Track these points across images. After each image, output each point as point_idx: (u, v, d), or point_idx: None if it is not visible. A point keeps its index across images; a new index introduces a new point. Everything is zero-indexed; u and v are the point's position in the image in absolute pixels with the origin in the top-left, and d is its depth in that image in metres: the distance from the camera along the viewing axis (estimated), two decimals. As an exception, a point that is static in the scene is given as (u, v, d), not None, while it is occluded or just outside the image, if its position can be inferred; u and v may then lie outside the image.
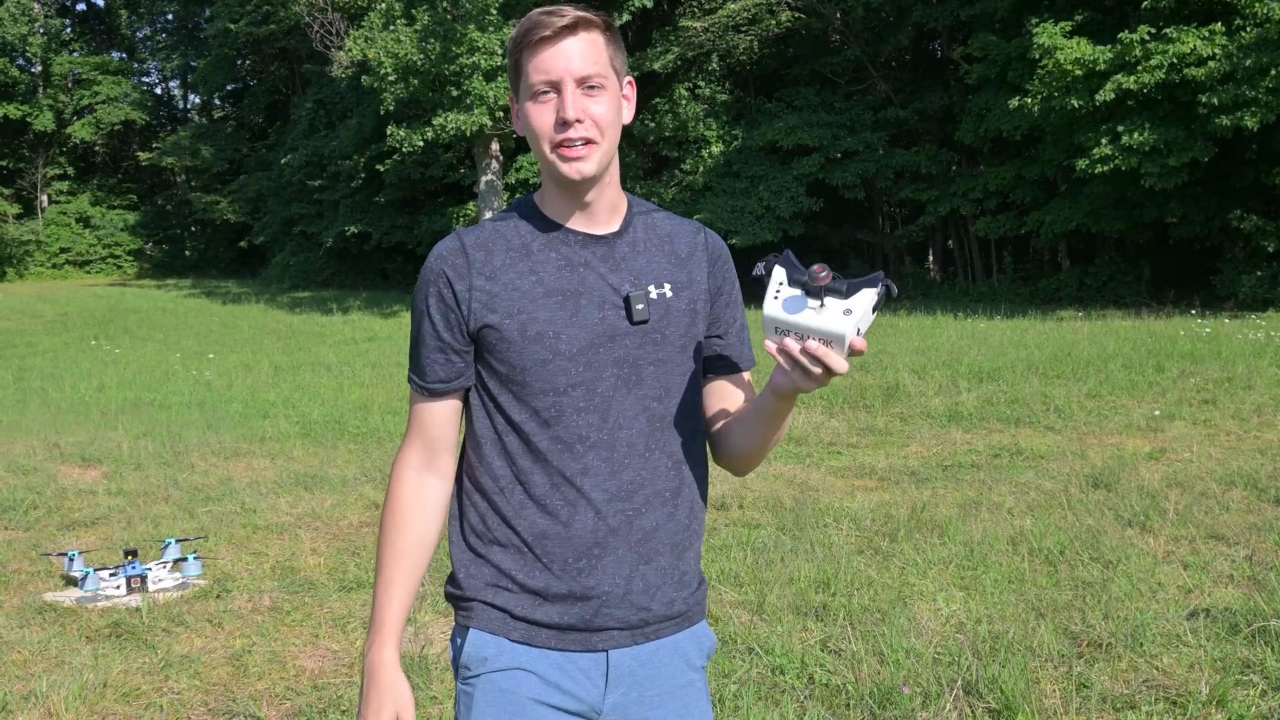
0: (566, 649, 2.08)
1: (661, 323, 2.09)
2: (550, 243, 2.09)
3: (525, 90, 2.03)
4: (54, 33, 55.12)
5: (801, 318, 1.85)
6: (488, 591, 2.10)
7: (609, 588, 2.06)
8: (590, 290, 2.06)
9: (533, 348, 2.04)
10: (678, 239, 2.18)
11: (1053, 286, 26.38)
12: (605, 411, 2.06)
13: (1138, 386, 11.61)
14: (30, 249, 52.07)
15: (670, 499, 2.11)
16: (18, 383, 18.74)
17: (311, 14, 33.50)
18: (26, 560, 6.96)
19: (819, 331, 1.84)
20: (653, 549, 2.09)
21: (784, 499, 7.80)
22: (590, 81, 2.00)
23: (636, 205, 2.20)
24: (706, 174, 30.39)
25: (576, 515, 2.05)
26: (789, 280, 1.88)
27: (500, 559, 2.09)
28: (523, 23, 2.02)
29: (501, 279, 2.06)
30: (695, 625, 2.21)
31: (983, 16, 26.89)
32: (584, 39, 2.00)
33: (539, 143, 2.03)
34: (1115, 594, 5.44)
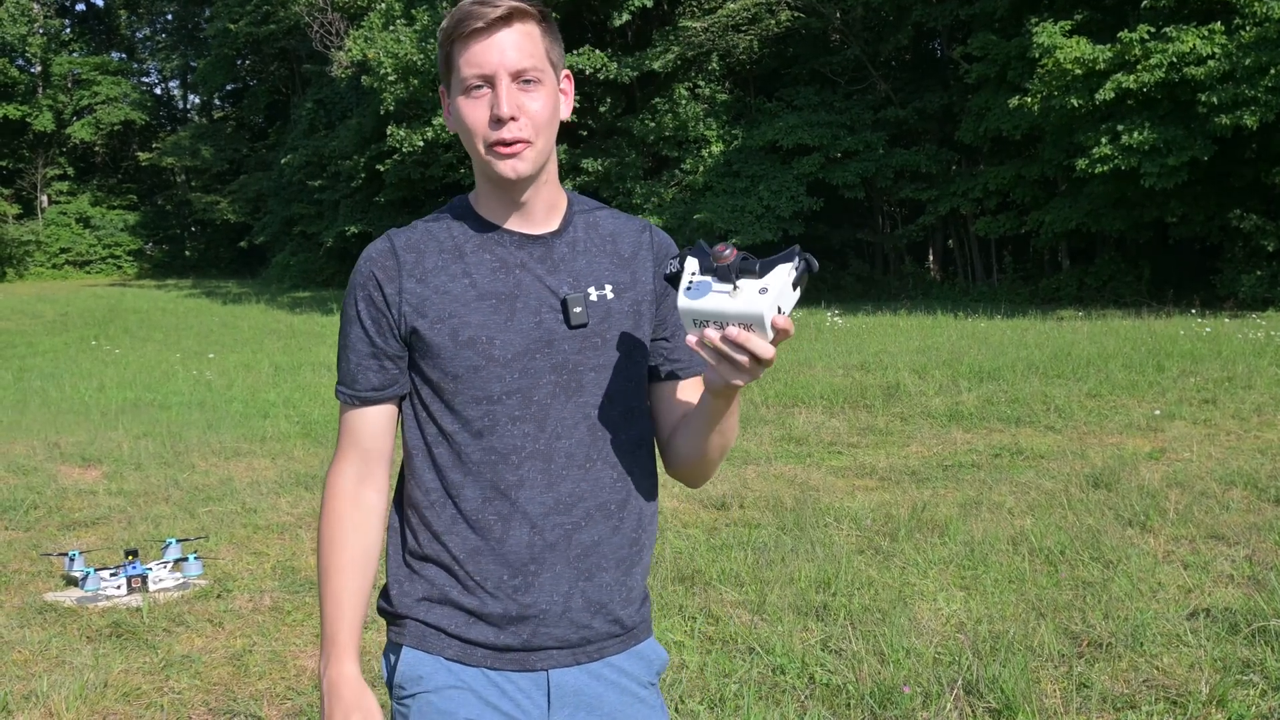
0: (504, 669, 1.98)
1: (602, 326, 1.99)
2: (484, 244, 1.99)
3: (457, 85, 1.92)
4: (53, 33, 55.18)
5: (715, 303, 1.74)
6: (420, 608, 2.00)
7: (546, 606, 1.96)
8: (526, 293, 1.96)
9: (465, 354, 1.94)
10: (621, 238, 2.08)
11: (1053, 286, 26.39)
12: (542, 420, 1.96)
13: (1138, 386, 11.61)
14: (30, 249, 52.12)
15: (615, 512, 2.01)
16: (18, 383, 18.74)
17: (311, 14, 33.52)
18: (27, 560, 6.96)
19: (736, 315, 1.73)
20: (594, 565, 1.99)
21: (784, 499, 7.80)
22: (526, 75, 1.90)
23: (578, 203, 2.10)
24: (706, 174, 30.39)
25: (510, 531, 1.95)
26: (700, 269, 1.78)
27: (433, 576, 2.00)
28: (453, 13, 1.91)
29: (432, 282, 1.96)
30: (642, 643, 2.09)
31: (982, 16, 26.89)
32: (519, 30, 1.90)
33: (472, 141, 1.93)
34: (1115, 594, 5.44)
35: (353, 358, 2.02)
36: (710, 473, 2.12)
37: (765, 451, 9.66)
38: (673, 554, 6.49)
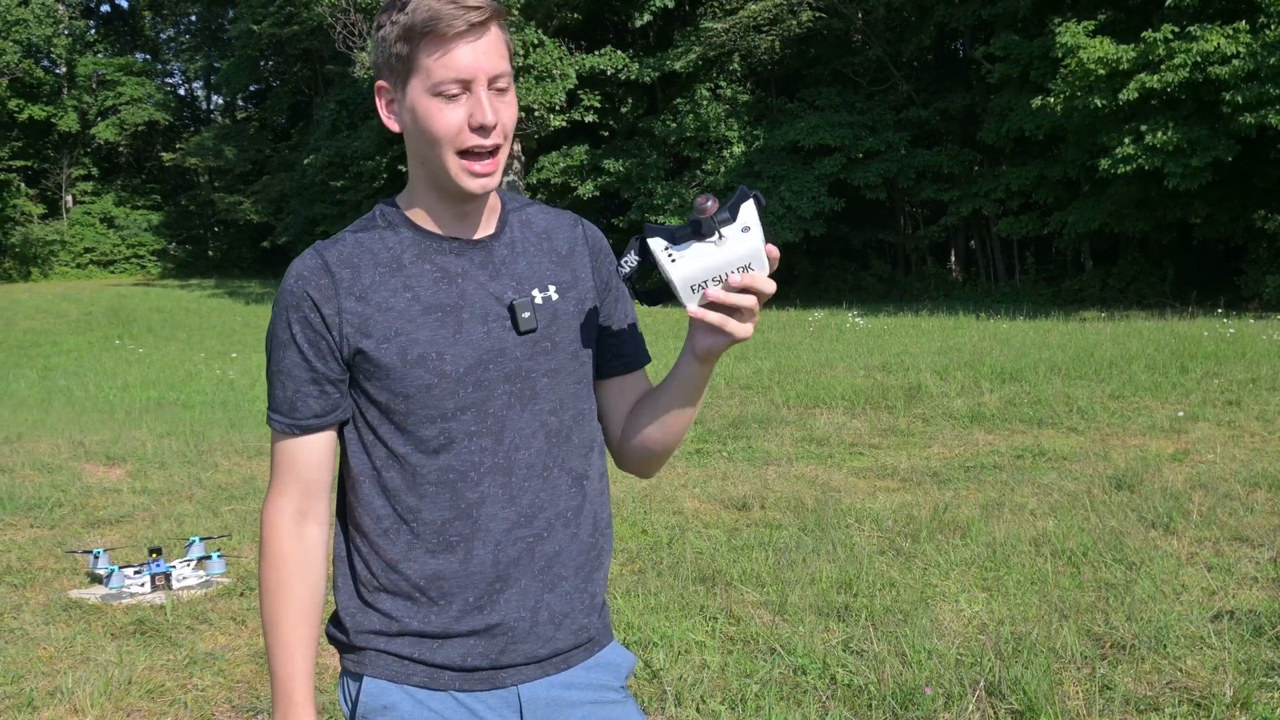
0: (473, 689, 1.89)
1: (550, 329, 1.91)
2: (423, 253, 1.87)
3: (424, 86, 1.78)
4: (78, 34, 55.49)
5: (711, 259, 1.71)
6: (379, 640, 1.91)
7: (514, 622, 1.89)
8: (471, 302, 1.86)
9: (415, 372, 1.82)
10: (556, 234, 2.00)
11: (1075, 287, 26.31)
12: (499, 433, 1.86)
13: (1161, 388, 11.56)
14: (55, 249, 52.44)
15: (572, 519, 1.94)
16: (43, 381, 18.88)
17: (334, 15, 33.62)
18: (52, 558, 7.01)
19: (737, 261, 1.71)
20: (557, 575, 1.92)
21: (806, 499, 7.79)
22: (499, 82, 1.79)
23: (510, 201, 2.01)
24: (728, 174, 30.40)
25: (473, 550, 1.86)
26: (672, 240, 1.73)
27: (390, 606, 1.90)
28: (419, 6, 1.76)
29: (373, 299, 1.83)
30: (605, 648, 2.03)
31: (1005, 16, 26.84)
32: (494, 34, 1.79)
33: (438, 147, 1.79)
34: (1139, 595, 5.42)
35: (289, 384, 1.87)
36: (666, 460, 2.06)
37: (786, 452, 9.65)
38: (694, 554, 6.49)
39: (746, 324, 1.73)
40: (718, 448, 10.04)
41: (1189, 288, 23.50)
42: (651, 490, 8.28)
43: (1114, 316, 20.39)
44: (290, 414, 1.88)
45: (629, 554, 6.63)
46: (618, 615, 5.41)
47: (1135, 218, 23.62)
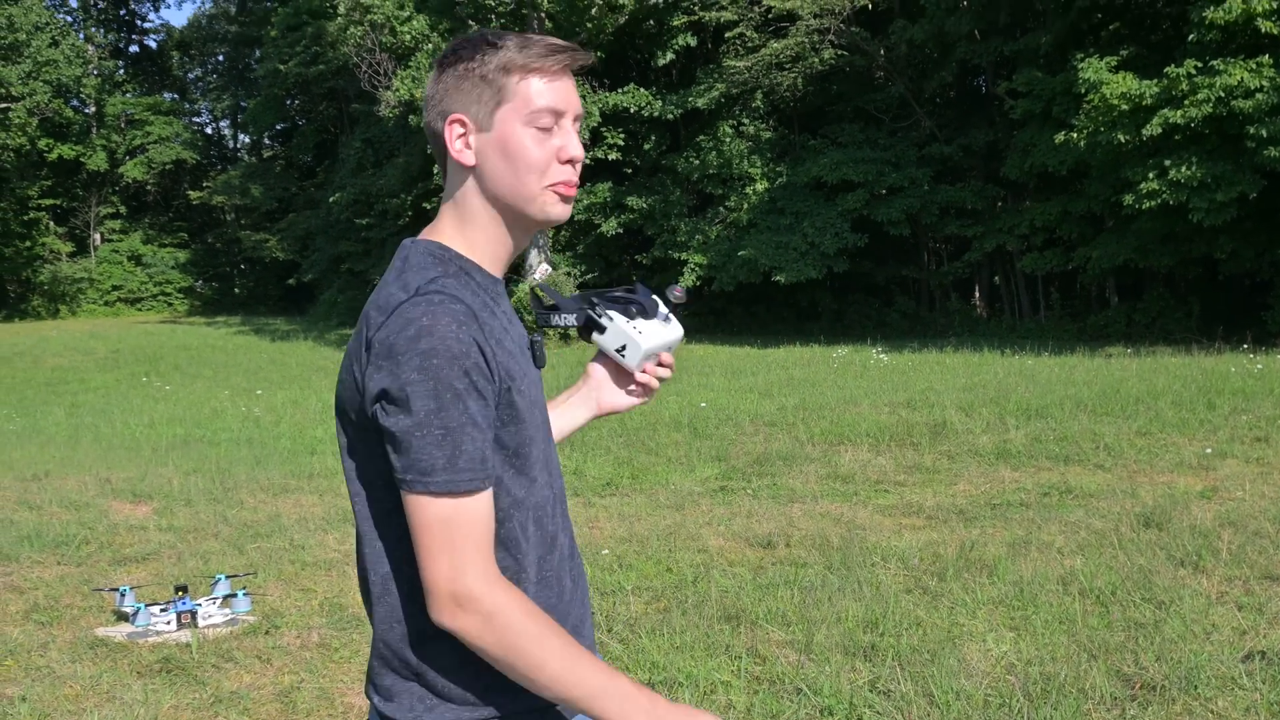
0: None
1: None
2: (495, 294, 1.87)
3: (519, 116, 1.80)
4: (108, 74, 56.17)
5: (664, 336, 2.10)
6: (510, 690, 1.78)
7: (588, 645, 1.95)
8: (520, 340, 1.90)
9: (534, 413, 1.84)
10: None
11: (1101, 323, 26.21)
12: (549, 465, 1.91)
13: (1188, 424, 11.49)
14: (83, 286, 52.93)
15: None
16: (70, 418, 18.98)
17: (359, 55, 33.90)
18: (79, 595, 7.03)
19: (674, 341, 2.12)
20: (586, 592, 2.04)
21: (831, 537, 7.76)
22: (578, 122, 1.88)
23: None
24: (751, 211, 30.47)
25: (563, 580, 1.90)
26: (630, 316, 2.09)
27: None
28: (522, 40, 1.82)
29: (504, 344, 1.79)
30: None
31: (1027, 52, 26.88)
32: (572, 77, 1.87)
33: (527, 174, 1.81)
34: (1168, 635, 5.38)
35: (477, 435, 1.69)
36: None
37: (811, 490, 9.62)
38: (718, 593, 6.47)
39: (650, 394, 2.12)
40: (742, 485, 10.02)
41: (1215, 323, 23.37)
42: (676, 528, 8.26)
43: (1140, 352, 20.28)
44: (484, 466, 1.71)
45: (653, 592, 6.61)
46: (641, 654, 5.40)
47: (1160, 253, 23.54)
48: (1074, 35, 25.91)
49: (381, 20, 32.43)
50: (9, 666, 5.69)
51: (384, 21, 32.40)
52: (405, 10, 32.22)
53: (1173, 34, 24.29)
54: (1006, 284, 30.83)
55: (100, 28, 60.32)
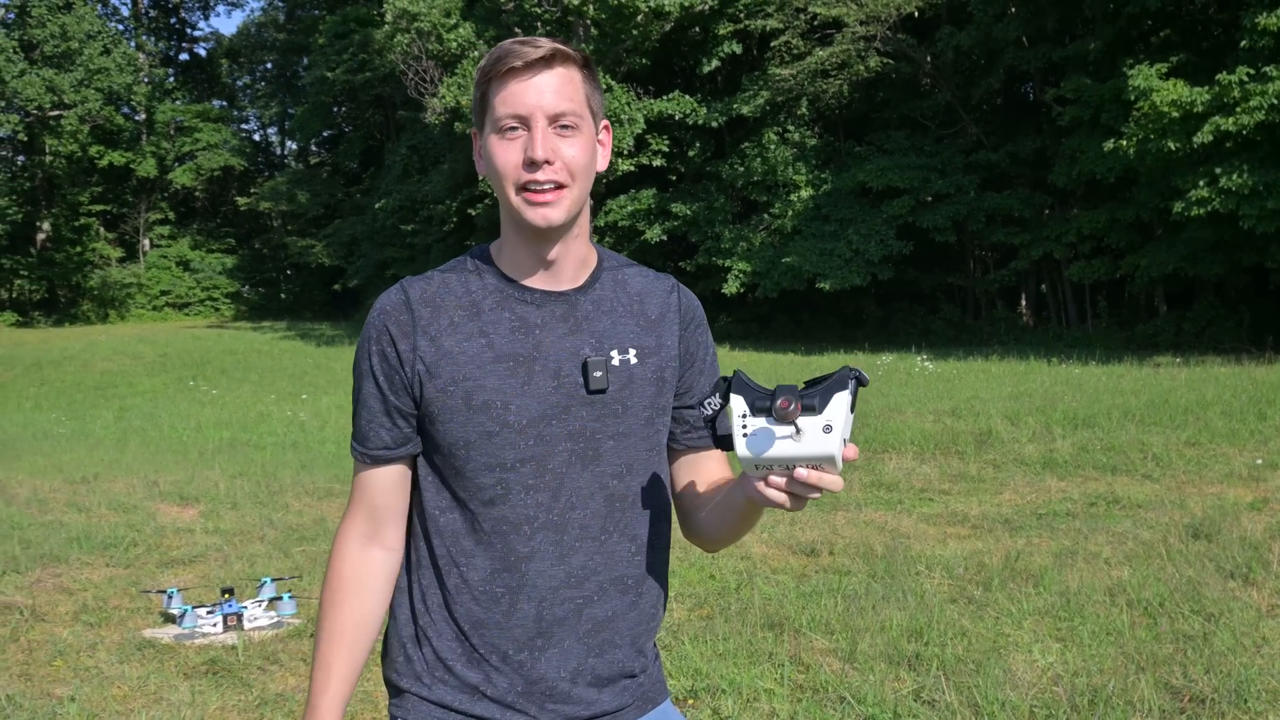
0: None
1: (623, 393, 1.88)
2: (504, 300, 1.87)
3: (490, 124, 1.82)
4: (158, 82, 56.82)
5: (781, 450, 1.66)
6: (424, 680, 1.92)
7: (554, 682, 1.87)
8: (545, 355, 1.84)
9: (478, 418, 1.82)
10: (649, 299, 1.97)
11: (1149, 332, 25.94)
12: (556, 490, 1.85)
13: (1238, 435, 11.34)
14: (132, 291, 53.52)
15: (633, 587, 1.92)
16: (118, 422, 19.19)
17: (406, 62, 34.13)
18: (127, 597, 7.10)
19: (808, 459, 1.65)
20: (607, 640, 1.90)
21: (875, 546, 7.72)
22: (563, 120, 1.80)
23: (608, 260, 1.98)
24: (795, 217, 30.40)
25: (518, 604, 1.85)
26: (752, 409, 1.68)
27: (439, 644, 1.91)
28: (493, 51, 1.82)
29: (446, 342, 1.84)
30: (658, 706, 1.99)
31: (1075, 58, 26.68)
32: (560, 74, 1.80)
33: (502, 183, 1.82)
34: (1218, 648, 5.31)
35: (364, 414, 1.90)
36: (726, 546, 2.04)
37: (855, 498, 9.58)
38: (762, 600, 6.45)
39: (802, 505, 1.70)
40: (785, 492, 9.97)
41: (1266, 333, 23.06)
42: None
43: (1189, 362, 20.06)
44: (364, 443, 1.90)
45: (696, 599, 6.60)
46: (685, 661, 5.38)
47: (1210, 261, 23.27)
48: (1123, 42, 25.69)
49: (428, 28, 32.65)
50: (58, 667, 5.76)
51: (430, 29, 32.62)
52: (451, 18, 32.43)
53: (1224, 40, 24.03)
54: (1053, 292, 30.58)
55: (151, 36, 61.07)
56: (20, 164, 52.85)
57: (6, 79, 45.09)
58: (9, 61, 45.41)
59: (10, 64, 45.36)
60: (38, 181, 51.51)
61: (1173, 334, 25.30)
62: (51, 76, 46.19)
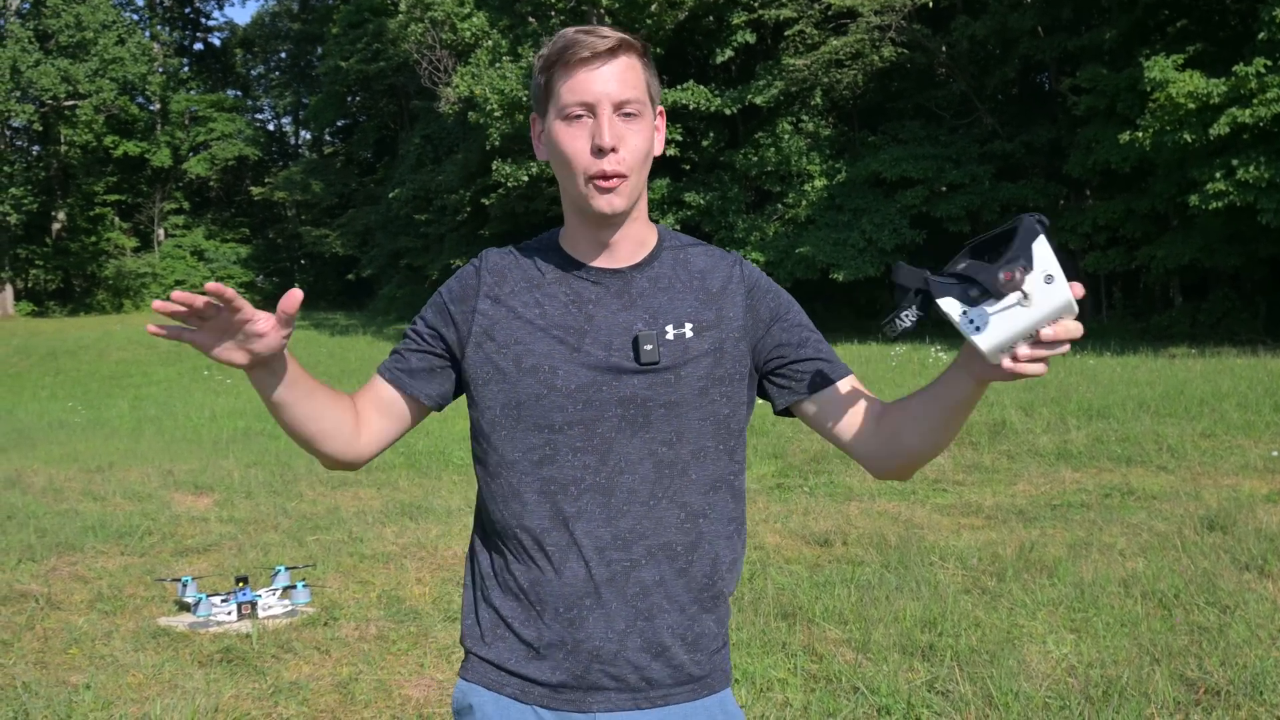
0: (559, 709, 1.93)
1: (676, 364, 1.93)
2: (563, 276, 1.97)
3: (555, 111, 1.89)
4: (172, 72, 56.94)
5: (1020, 323, 1.61)
6: (486, 639, 1.99)
7: (600, 642, 1.91)
8: (597, 328, 1.93)
9: (527, 380, 1.91)
10: (711, 274, 2.02)
11: (1164, 323, 25.83)
12: (604, 453, 1.91)
13: (1254, 426, 11.30)
14: (146, 281, 53.67)
15: (682, 554, 1.94)
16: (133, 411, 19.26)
17: (420, 52, 34.12)
18: (142, 585, 7.13)
19: (1047, 318, 1.61)
20: (655, 605, 1.92)
21: (888, 536, 7.71)
22: (627, 108, 1.87)
23: (669, 239, 2.05)
24: (809, 207, 30.33)
25: (568, 562, 1.91)
26: (969, 302, 1.64)
27: (500, 604, 1.98)
28: (556, 40, 1.88)
29: (505, 305, 1.97)
30: (716, 694, 1.99)
31: (1091, 48, 26.55)
32: (623, 62, 1.87)
33: (569, 169, 1.89)
34: (1233, 640, 5.29)
35: (407, 342, 2.06)
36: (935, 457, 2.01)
37: (869, 488, 9.57)
38: (775, 590, 6.45)
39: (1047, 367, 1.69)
40: (799, 482, 9.98)
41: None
42: (732, 525, 8.23)
43: (1204, 353, 19.98)
44: (395, 359, 2.07)
45: (710, 589, 6.59)
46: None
47: (1226, 253, 23.16)
48: (1139, 31, 25.55)
49: (442, 17, 32.63)
50: (74, 655, 5.78)
51: (444, 18, 32.61)
52: (465, 8, 32.40)
53: (1242, 31, 23.88)
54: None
55: (166, 26, 61.16)
56: (35, 154, 52.99)
57: (22, 69, 45.20)
58: (24, 51, 45.52)
59: (25, 54, 45.46)
60: (53, 171, 51.65)
61: (1188, 325, 25.19)
62: (66, 66, 46.28)
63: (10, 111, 45.88)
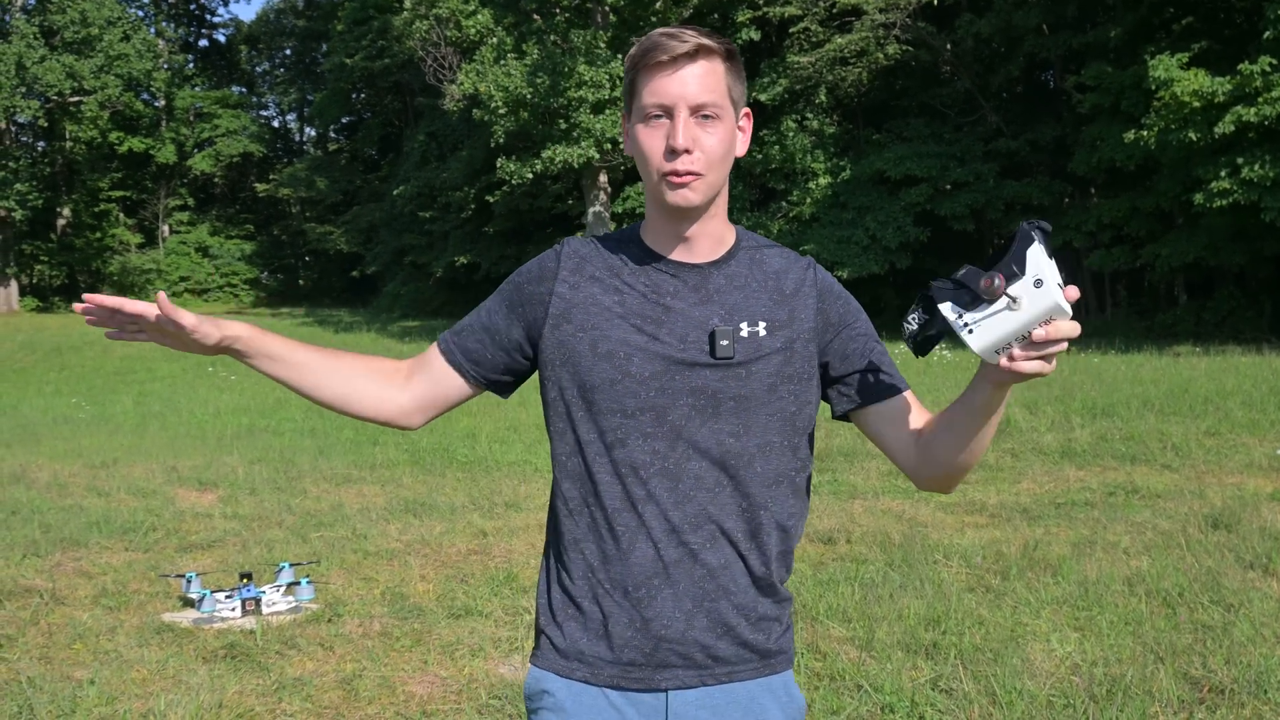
0: (628, 688, 2.00)
1: (749, 361, 1.99)
2: (641, 269, 2.04)
3: (638, 111, 1.96)
4: (177, 68, 56.97)
5: (1008, 326, 1.69)
6: (557, 618, 2.06)
7: (668, 622, 1.98)
8: (674, 320, 1.99)
9: (602, 365, 1.98)
10: (785, 275, 2.08)
11: (1169, 321, 25.81)
12: (674, 440, 1.97)
13: (1259, 425, 11.29)
14: (151, 277, 53.70)
15: (742, 541, 2.01)
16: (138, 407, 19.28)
17: (425, 48, 34.12)
18: (146, 581, 7.13)
19: (1036, 320, 1.68)
20: (719, 588, 1.99)
21: (892, 535, 7.71)
22: (705, 110, 1.92)
23: (746, 240, 2.11)
24: (814, 205, 30.32)
25: (636, 543, 1.98)
26: (964, 307, 1.73)
27: (570, 583, 2.05)
28: (642, 42, 1.94)
29: (584, 290, 2.03)
30: (778, 674, 2.06)
31: (1096, 46, 26.52)
32: (703, 66, 1.92)
33: (646, 166, 1.97)
34: (1237, 638, 5.28)
35: (470, 317, 2.15)
36: (970, 468, 2.05)
37: (873, 486, 9.57)
38: (779, 588, 6.43)
39: (1050, 365, 1.75)
40: (803, 481, 9.96)
41: (1287, 323, 22.96)
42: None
43: (1209, 351, 19.97)
44: (455, 333, 2.15)
45: (714, 587, 6.58)
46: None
47: (1231, 251, 23.13)
48: (1144, 29, 25.52)
49: (446, 14, 32.62)
50: (78, 650, 5.79)
51: (449, 15, 32.59)
52: (470, 4, 32.37)
53: (1247, 29, 23.85)
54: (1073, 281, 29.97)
55: (170, 22, 61.19)
56: (41, 150, 53.04)
57: (27, 65, 45.23)
58: (30, 48, 45.54)
59: (31, 50, 45.49)
60: (58, 167, 51.71)
61: (1193, 323, 25.17)
62: (72, 62, 46.30)
63: (16, 107, 45.89)
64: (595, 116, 29.68)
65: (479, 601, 6.43)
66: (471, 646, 5.65)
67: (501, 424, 14.29)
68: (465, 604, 6.43)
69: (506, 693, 4.98)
